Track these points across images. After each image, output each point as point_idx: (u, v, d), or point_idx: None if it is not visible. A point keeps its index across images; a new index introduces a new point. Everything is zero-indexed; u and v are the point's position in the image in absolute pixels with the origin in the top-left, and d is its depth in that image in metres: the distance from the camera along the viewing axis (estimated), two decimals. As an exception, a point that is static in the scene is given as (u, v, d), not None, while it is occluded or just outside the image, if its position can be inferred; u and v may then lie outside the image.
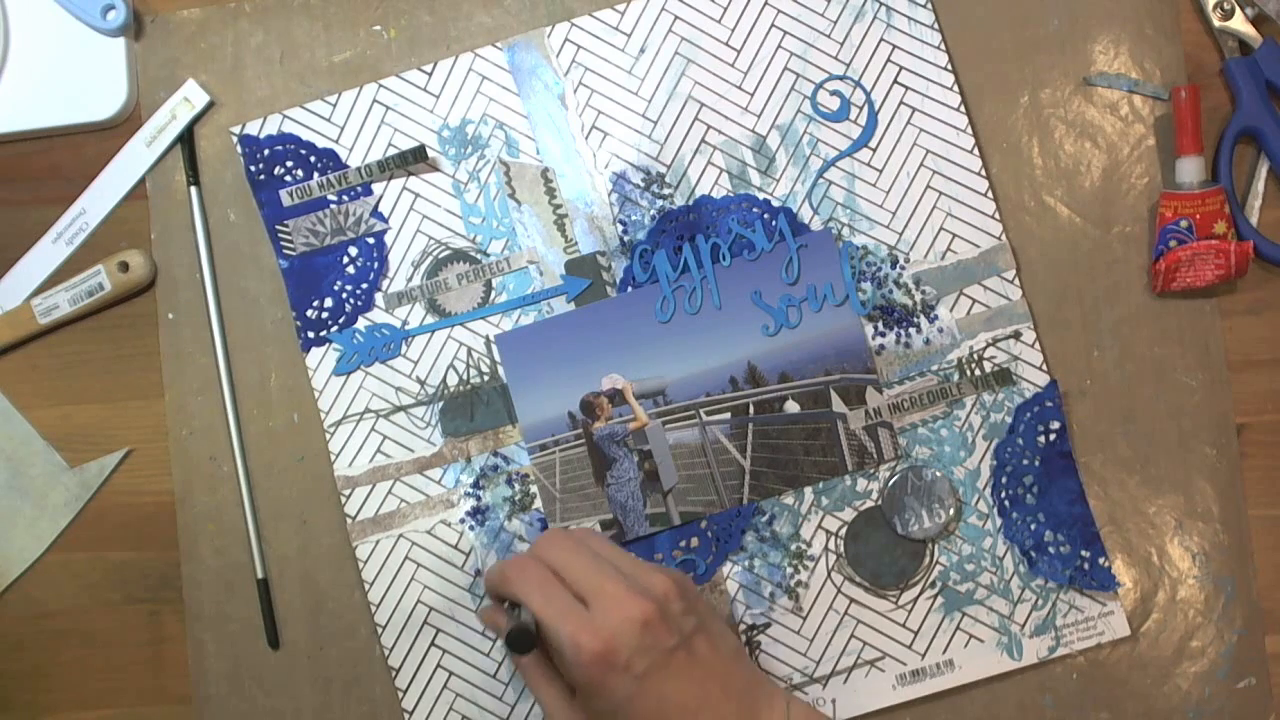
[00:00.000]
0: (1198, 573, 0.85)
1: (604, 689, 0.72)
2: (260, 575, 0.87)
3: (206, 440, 0.88)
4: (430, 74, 0.89)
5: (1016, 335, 0.86)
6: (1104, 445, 0.86)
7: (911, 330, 0.86)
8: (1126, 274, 0.87)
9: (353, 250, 0.88)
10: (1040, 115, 0.88)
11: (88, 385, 0.90)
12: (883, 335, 0.86)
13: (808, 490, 0.85)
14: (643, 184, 0.88)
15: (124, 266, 0.88)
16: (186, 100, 0.89)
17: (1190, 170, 0.85)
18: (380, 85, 0.89)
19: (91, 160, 0.91)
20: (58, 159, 0.91)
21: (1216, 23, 0.87)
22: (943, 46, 0.88)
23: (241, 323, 0.89)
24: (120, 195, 0.90)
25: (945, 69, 0.88)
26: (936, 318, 0.86)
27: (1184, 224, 0.84)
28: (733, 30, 0.88)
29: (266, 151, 0.89)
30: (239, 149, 0.89)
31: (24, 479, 0.90)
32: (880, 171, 0.87)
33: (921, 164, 0.87)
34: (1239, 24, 0.87)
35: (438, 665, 0.86)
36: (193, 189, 0.89)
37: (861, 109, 0.88)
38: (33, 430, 0.90)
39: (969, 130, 0.87)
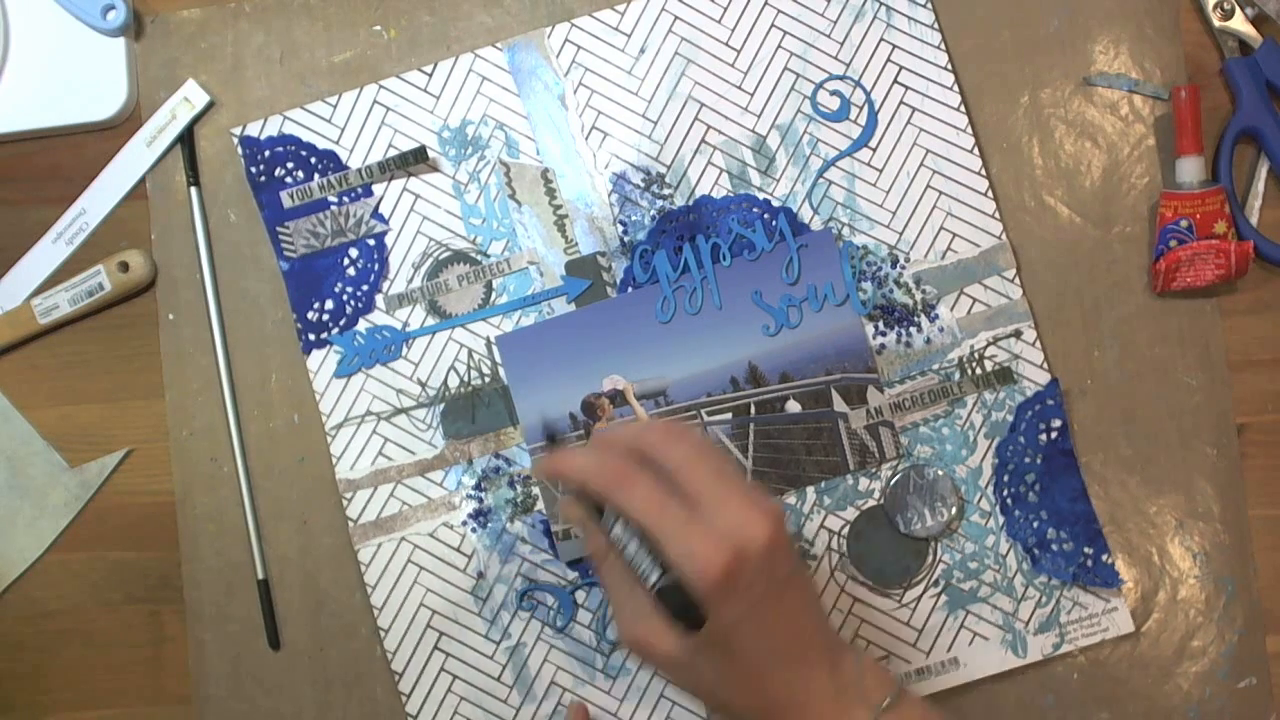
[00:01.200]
0: (1198, 572, 0.86)
1: (719, 611, 0.69)
2: (261, 576, 0.87)
3: (207, 441, 0.89)
4: (430, 75, 0.89)
5: (1017, 334, 0.86)
6: (1105, 445, 0.87)
7: (912, 329, 0.87)
8: (1127, 274, 0.88)
9: (353, 252, 0.89)
10: (1040, 115, 0.89)
11: (88, 385, 0.91)
12: (883, 335, 0.87)
13: (810, 490, 0.86)
14: (643, 184, 0.89)
15: (124, 266, 0.89)
16: (186, 100, 0.90)
17: (1190, 170, 0.85)
18: (380, 86, 0.90)
19: (91, 160, 0.91)
20: (58, 159, 0.92)
21: (1216, 23, 0.88)
22: (943, 46, 0.88)
23: (242, 323, 0.89)
24: (120, 195, 0.91)
25: (945, 69, 0.88)
26: (937, 317, 0.87)
27: (1184, 224, 0.84)
28: (733, 30, 0.89)
29: (267, 153, 0.89)
30: (239, 150, 0.89)
31: (24, 479, 0.90)
32: (880, 171, 0.88)
33: (921, 163, 0.88)
34: (1239, 24, 0.87)
35: (441, 669, 0.86)
36: (193, 189, 0.90)
37: (861, 109, 0.88)
38: (33, 430, 0.90)
39: (969, 130, 0.88)
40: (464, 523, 0.87)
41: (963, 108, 0.88)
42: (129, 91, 0.91)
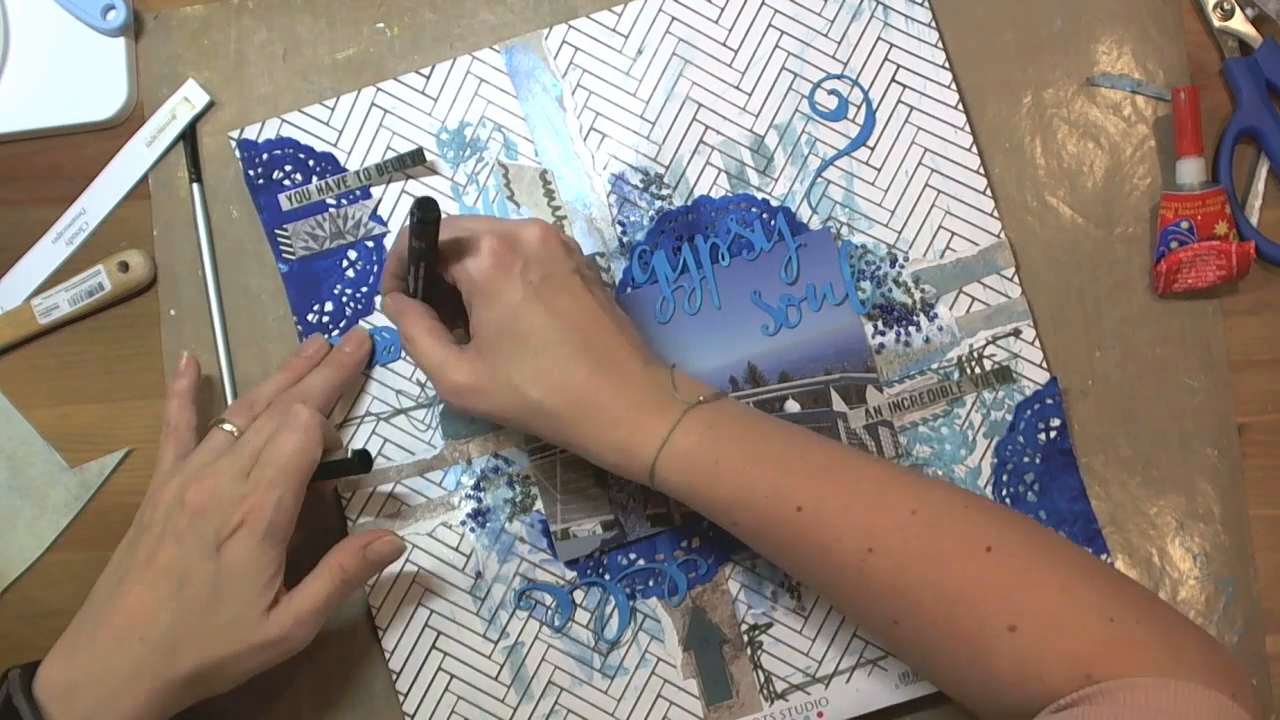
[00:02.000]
0: (1199, 573, 0.86)
1: (498, 291, 0.76)
2: None
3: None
4: (428, 77, 0.90)
5: (1016, 333, 0.87)
6: (1105, 446, 0.87)
7: (911, 329, 0.87)
8: (1128, 274, 0.88)
9: (352, 254, 0.90)
10: (1043, 116, 0.89)
11: (88, 385, 0.92)
12: (882, 334, 0.87)
13: (809, 490, 0.87)
14: (641, 185, 0.89)
15: (124, 266, 0.89)
16: (186, 100, 0.91)
17: (1191, 171, 0.86)
18: (378, 89, 0.90)
19: (91, 160, 0.92)
20: (58, 159, 0.93)
21: (1216, 23, 0.88)
22: (940, 45, 0.89)
23: (244, 319, 0.90)
24: (120, 195, 0.92)
25: (943, 67, 0.88)
26: (936, 316, 0.87)
27: (1185, 225, 0.85)
28: (730, 30, 0.89)
29: (265, 156, 0.90)
30: (237, 153, 0.90)
31: (24, 479, 0.91)
32: (879, 170, 0.88)
33: (920, 162, 0.88)
34: (1239, 24, 0.88)
35: (439, 668, 0.87)
36: (195, 186, 0.90)
37: (859, 108, 0.89)
38: (33, 430, 0.91)
39: (967, 128, 0.88)
40: (462, 522, 0.88)
41: (960, 106, 0.88)
42: (129, 91, 0.91)
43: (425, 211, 0.73)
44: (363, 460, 0.82)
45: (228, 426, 0.82)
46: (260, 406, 0.84)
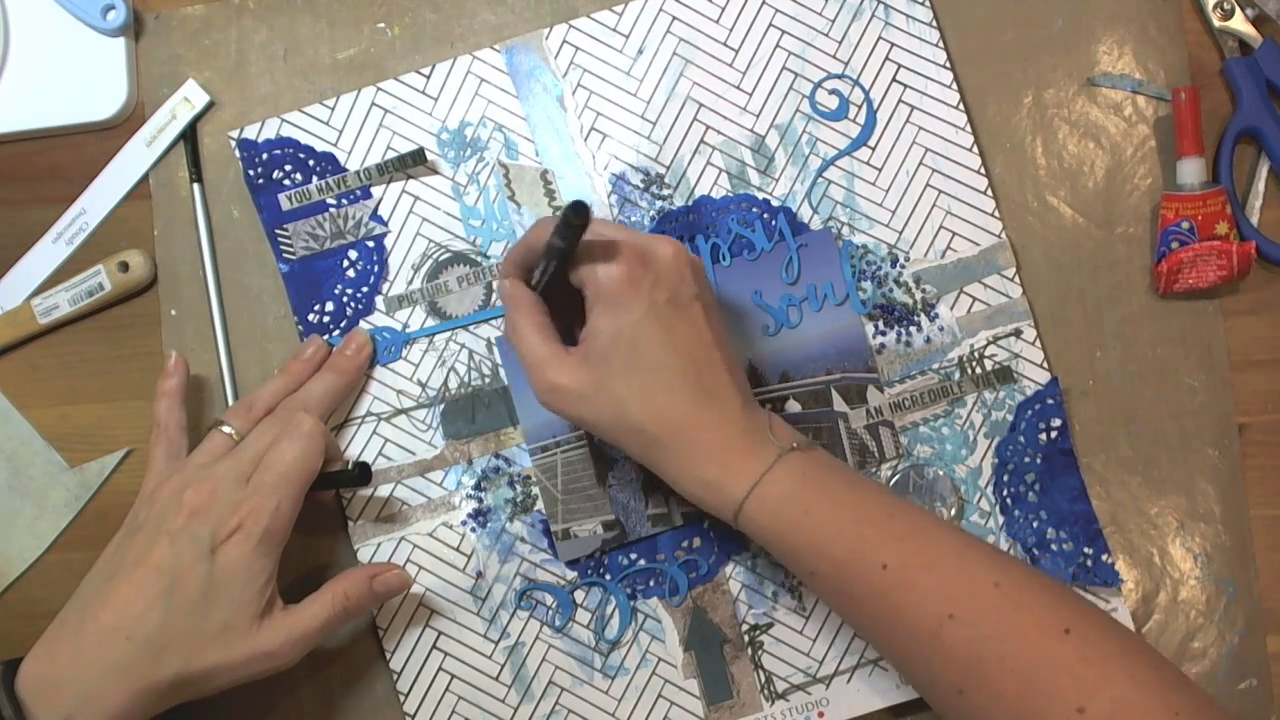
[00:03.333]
0: (1199, 573, 0.87)
1: (623, 304, 0.76)
2: None
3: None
4: (429, 77, 0.91)
5: (1017, 333, 0.88)
6: (1106, 446, 0.88)
7: (912, 329, 0.88)
8: (1129, 274, 0.89)
9: (353, 254, 0.90)
10: (1044, 115, 0.90)
11: (88, 385, 0.92)
12: (883, 334, 0.88)
13: (810, 490, 0.88)
14: (642, 185, 0.90)
15: (124, 266, 0.90)
16: (186, 100, 0.92)
17: (1191, 171, 0.87)
18: (379, 89, 0.91)
19: (91, 160, 0.93)
20: (58, 159, 0.93)
21: (1216, 23, 0.89)
22: (941, 44, 0.89)
23: (244, 319, 0.91)
24: (120, 195, 0.92)
25: (944, 67, 0.89)
26: (937, 316, 0.88)
27: (1186, 225, 0.86)
28: (731, 30, 0.90)
29: (265, 156, 0.91)
30: (237, 153, 0.91)
31: (24, 479, 0.92)
32: (879, 170, 0.89)
33: (921, 162, 0.89)
34: (1239, 24, 0.88)
35: (440, 668, 0.88)
36: (195, 186, 0.91)
37: (860, 108, 0.90)
38: (33, 430, 0.92)
39: (968, 128, 0.89)
40: (463, 522, 0.89)
41: (961, 106, 0.89)
42: (129, 91, 0.92)
43: (578, 215, 0.73)
44: (362, 473, 0.83)
45: (227, 429, 0.83)
46: (259, 410, 0.85)
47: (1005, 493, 0.87)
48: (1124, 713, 0.67)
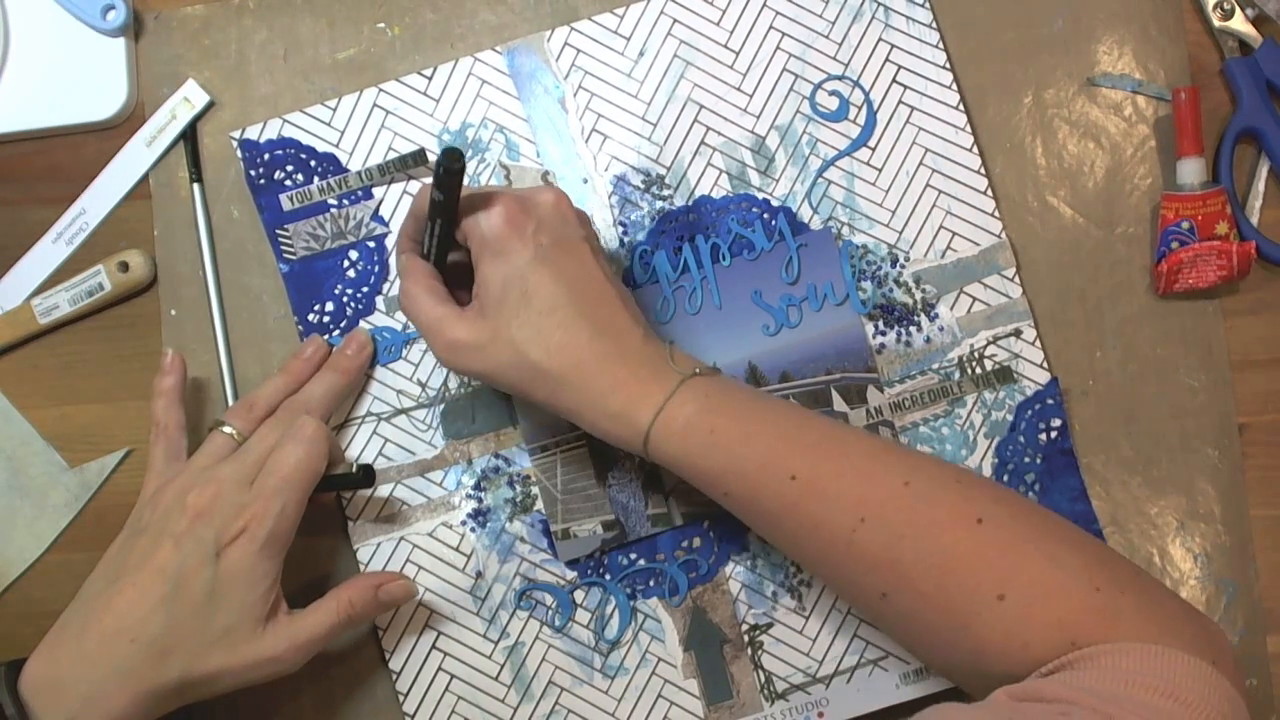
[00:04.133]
0: (1199, 574, 0.88)
1: (507, 249, 0.78)
2: None
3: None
4: (430, 78, 0.92)
5: (1017, 333, 0.89)
6: (1106, 446, 0.89)
7: (912, 329, 0.89)
8: (1129, 274, 0.90)
9: (353, 254, 0.92)
10: (1044, 116, 0.91)
11: (88, 385, 0.94)
12: (883, 334, 0.89)
13: (811, 490, 0.88)
14: (643, 185, 0.91)
15: (124, 266, 0.91)
16: (186, 100, 0.93)
17: (1191, 171, 0.88)
18: (380, 89, 0.92)
19: (91, 160, 0.94)
20: (58, 159, 0.95)
21: (1216, 23, 0.90)
22: (941, 45, 0.91)
23: (244, 319, 0.92)
24: (120, 195, 0.94)
25: (943, 68, 0.90)
26: (937, 316, 0.89)
27: (1186, 225, 0.87)
28: (731, 32, 0.91)
29: (266, 156, 0.92)
30: (239, 154, 0.92)
31: (24, 479, 0.93)
32: (880, 170, 0.90)
33: (921, 163, 0.90)
34: (1239, 24, 0.89)
35: (439, 668, 0.89)
36: (195, 186, 0.92)
37: (860, 108, 0.91)
38: (33, 430, 0.93)
39: (968, 129, 0.90)
40: (463, 522, 0.90)
41: (961, 106, 0.90)
42: (129, 91, 0.93)
43: (450, 160, 0.74)
44: (366, 475, 0.85)
45: (228, 429, 0.84)
46: (260, 409, 0.86)
47: (1005, 493, 0.88)
48: (1043, 594, 0.68)
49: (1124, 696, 0.62)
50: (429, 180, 0.79)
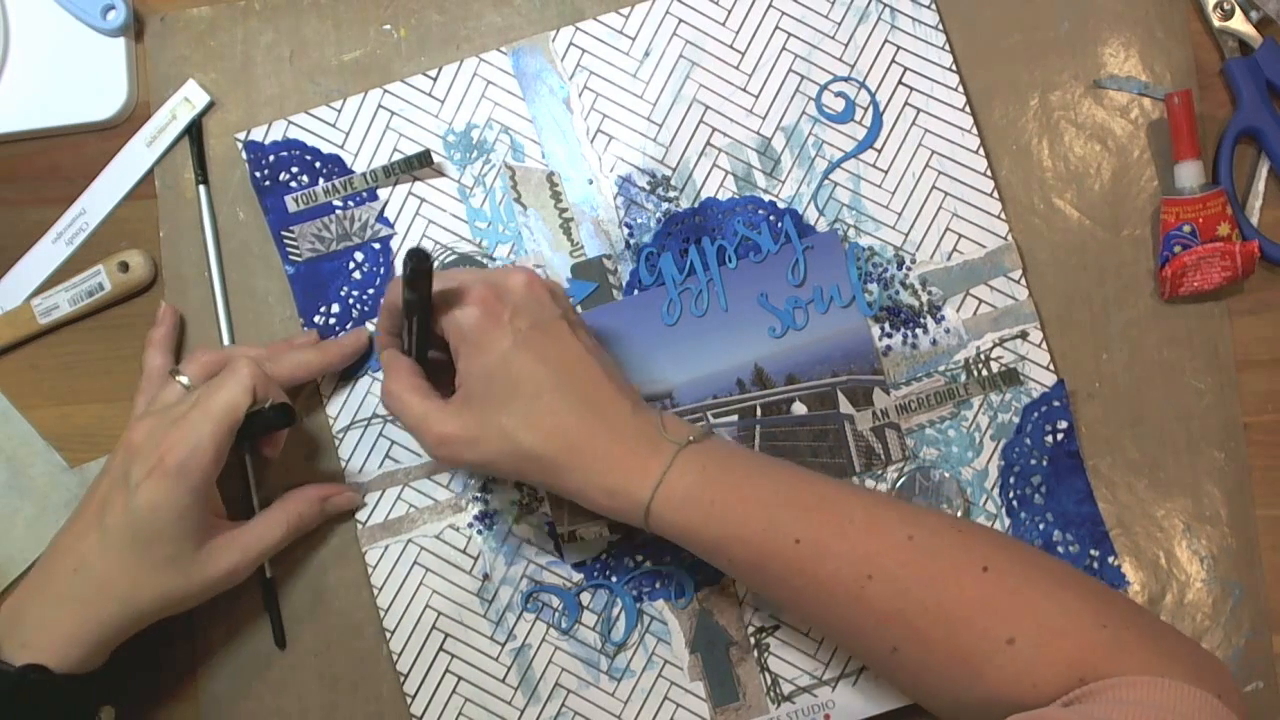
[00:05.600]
0: (1206, 576, 0.91)
1: (487, 340, 0.81)
2: (268, 575, 0.93)
3: None
4: (435, 79, 0.95)
5: (1023, 335, 0.92)
6: (1112, 448, 0.92)
7: (918, 331, 0.93)
8: (1135, 276, 0.93)
9: (359, 256, 0.95)
10: (1050, 117, 0.95)
11: (88, 385, 0.97)
12: (889, 336, 0.93)
13: (816, 491, 0.90)
14: (648, 186, 0.94)
15: (124, 266, 0.94)
16: (187, 101, 0.96)
17: (1189, 175, 0.91)
18: (385, 90, 0.95)
19: (92, 160, 0.97)
20: (58, 159, 0.98)
21: (1216, 23, 0.93)
22: (947, 47, 0.94)
23: (250, 321, 0.96)
24: (120, 195, 0.97)
25: (950, 70, 0.94)
26: (943, 318, 0.93)
27: (1187, 228, 0.90)
28: (737, 33, 0.95)
29: (272, 158, 0.95)
30: (244, 155, 0.95)
31: (24, 479, 0.96)
32: (886, 172, 0.94)
33: (927, 165, 0.93)
34: (1239, 24, 0.93)
35: (446, 670, 0.92)
36: (201, 187, 0.96)
37: (866, 110, 0.94)
38: (33, 430, 0.97)
39: (974, 130, 0.93)
40: (470, 524, 0.93)
41: (967, 108, 0.94)
42: (129, 91, 0.97)
43: (418, 261, 0.76)
44: (280, 413, 0.87)
45: (182, 379, 0.88)
46: (218, 363, 0.89)
47: (1011, 495, 0.91)
48: (1051, 635, 0.72)
49: None
50: (399, 275, 0.82)
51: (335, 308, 0.96)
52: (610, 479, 0.80)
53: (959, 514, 0.92)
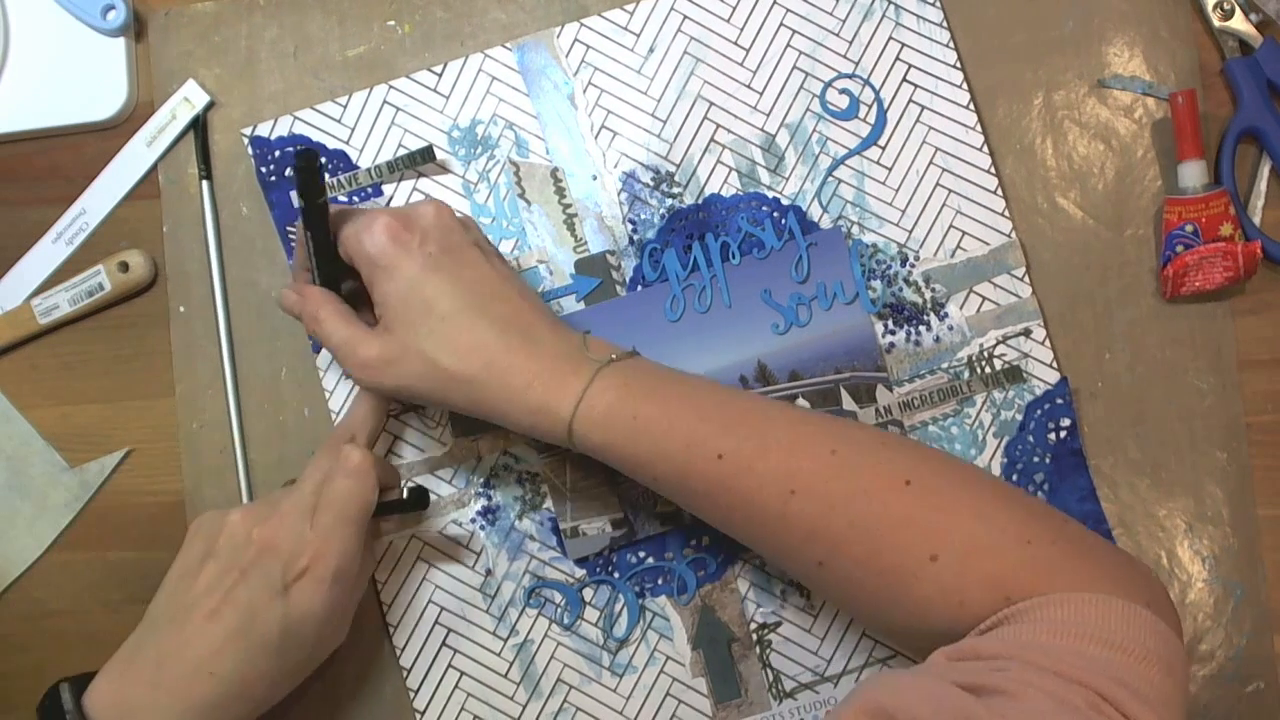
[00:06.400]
0: (1207, 576, 0.93)
1: (397, 265, 0.83)
2: None
3: (217, 433, 0.97)
4: (440, 75, 0.98)
5: (1027, 332, 0.94)
6: (1115, 448, 0.94)
7: (921, 328, 0.95)
8: (1138, 276, 0.95)
9: None
10: (1054, 117, 0.97)
11: (88, 385, 0.99)
12: (893, 333, 0.95)
13: (819, 489, 0.93)
14: (652, 183, 0.97)
15: (124, 266, 0.97)
16: (187, 100, 0.98)
17: (1192, 174, 0.93)
18: (390, 86, 0.97)
19: (92, 160, 1.00)
20: (58, 159, 1.00)
21: (1216, 23, 0.95)
22: (951, 44, 0.96)
23: (253, 316, 0.98)
24: (120, 195, 0.99)
25: (954, 67, 0.96)
26: (946, 315, 0.95)
27: (1189, 228, 0.92)
28: (741, 29, 0.97)
29: (277, 153, 0.97)
30: (250, 150, 0.97)
31: (24, 479, 0.98)
32: (889, 169, 0.96)
33: (931, 162, 0.96)
34: (1239, 24, 0.95)
35: (449, 665, 0.95)
36: (204, 183, 0.98)
37: (870, 107, 0.96)
38: (33, 430, 0.99)
39: (978, 128, 0.96)
40: (472, 520, 0.96)
41: (971, 106, 0.96)
42: (129, 91, 0.99)
43: (305, 160, 0.79)
44: (418, 498, 0.91)
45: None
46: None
47: (1014, 492, 0.94)
48: (975, 552, 0.74)
49: (1059, 647, 0.68)
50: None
51: (338, 304, 0.97)
52: (531, 396, 0.82)
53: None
